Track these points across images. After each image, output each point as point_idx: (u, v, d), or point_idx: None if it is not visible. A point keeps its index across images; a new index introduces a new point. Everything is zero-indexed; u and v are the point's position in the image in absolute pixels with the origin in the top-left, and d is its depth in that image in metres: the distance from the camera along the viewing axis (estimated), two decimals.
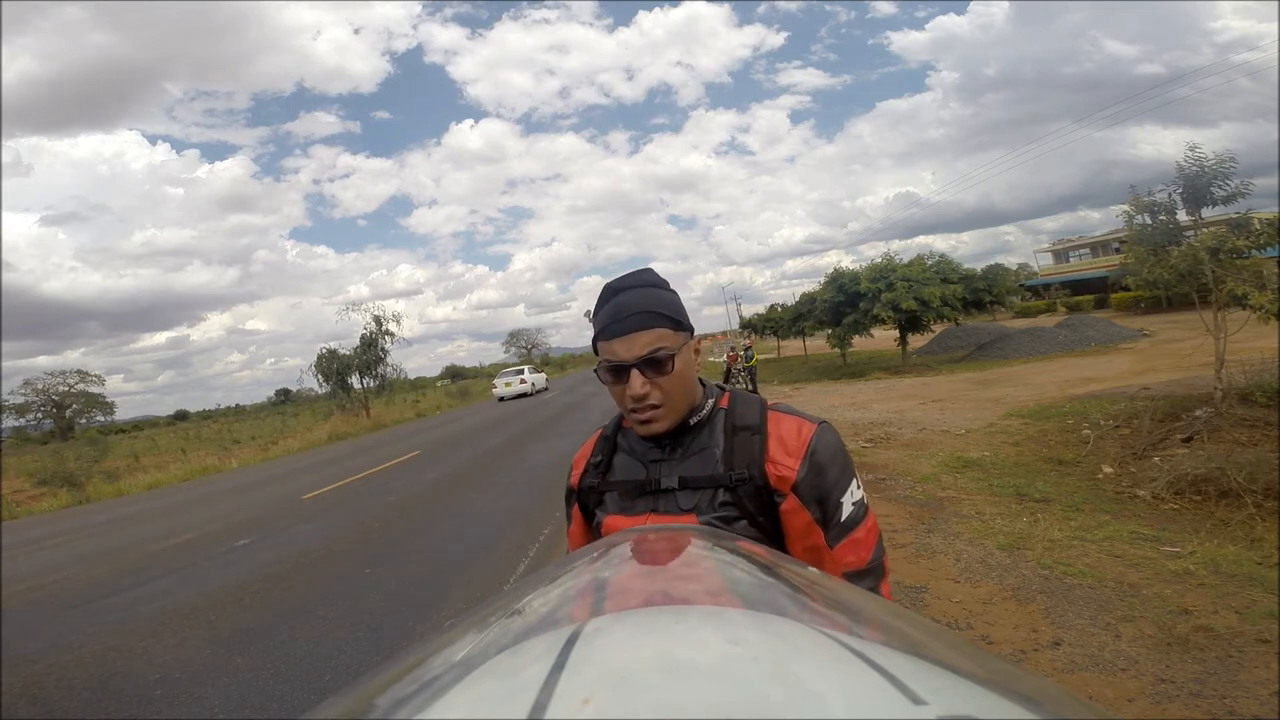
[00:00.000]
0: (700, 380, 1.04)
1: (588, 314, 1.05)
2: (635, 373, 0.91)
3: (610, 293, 0.97)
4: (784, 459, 0.91)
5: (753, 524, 0.91)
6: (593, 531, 1.03)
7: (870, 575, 0.91)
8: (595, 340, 0.96)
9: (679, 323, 0.95)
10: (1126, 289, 23.18)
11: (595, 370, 0.98)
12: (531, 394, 27.30)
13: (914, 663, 0.33)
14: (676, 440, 0.98)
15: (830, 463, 0.92)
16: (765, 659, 0.34)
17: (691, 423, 0.98)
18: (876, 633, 0.39)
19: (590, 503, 1.04)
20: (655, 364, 0.91)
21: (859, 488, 0.94)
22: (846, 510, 0.91)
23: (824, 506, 0.91)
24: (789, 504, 0.91)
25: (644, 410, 0.93)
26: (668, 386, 0.93)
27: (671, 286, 1.02)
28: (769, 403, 1.00)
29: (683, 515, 0.93)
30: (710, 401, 1.01)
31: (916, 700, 0.28)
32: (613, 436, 1.06)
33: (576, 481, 1.08)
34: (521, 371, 28.85)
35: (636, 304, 0.93)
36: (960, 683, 0.32)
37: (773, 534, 0.92)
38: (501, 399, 27.38)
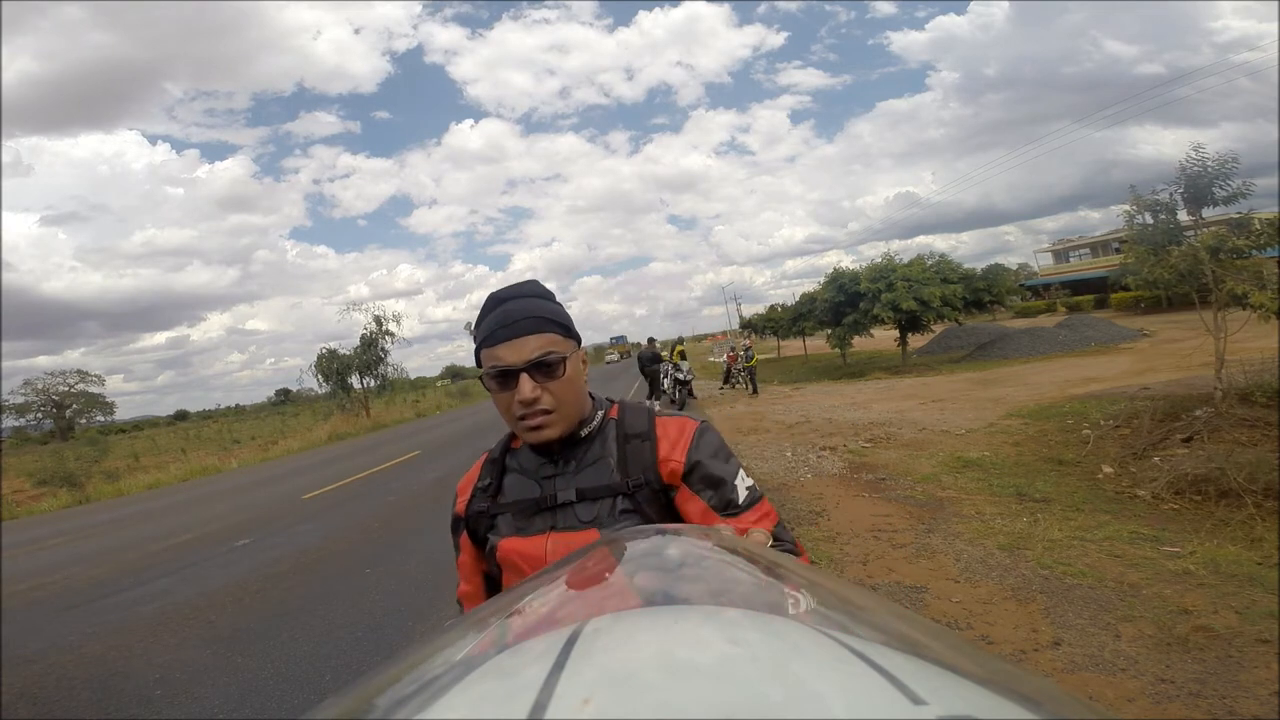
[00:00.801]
0: (590, 394, 1.03)
1: (468, 326, 1.02)
2: (525, 377, 0.89)
3: (495, 301, 0.95)
4: (672, 454, 0.94)
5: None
6: (487, 558, 1.00)
7: (779, 544, 0.90)
8: (479, 350, 0.94)
9: (568, 329, 0.95)
10: (1126, 289, 23.16)
11: (480, 378, 0.96)
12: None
13: (914, 662, 0.33)
14: (569, 453, 0.97)
15: (715, 454, 0.95)
16: (765, 659, 0.34)
17: (583, 434, 0.98)
18: (876, 632, 0.39)
19: (481, 528, 1.01)
20: (546, 368, 0.90)
21: (748, 476, 0.96)
22: (741, 493, 0.93)
23: (718, 493, 0.92)
24: (681, 495, 0.93)
25: (535, 415, 0.91)
26: (559, 391, 0.91)
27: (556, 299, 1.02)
28: (656, 410, 1.02)
29: (584, 529, 0.91)
30: (600, 413, 1.01)
31: (916, 700, 0.27)
32: (500, 459, 1.03)
33: (464, 509, 1.03)
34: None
35: (524, 310, 0.92)
36: (960, 683, 0.32)
37: None
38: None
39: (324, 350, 27.35)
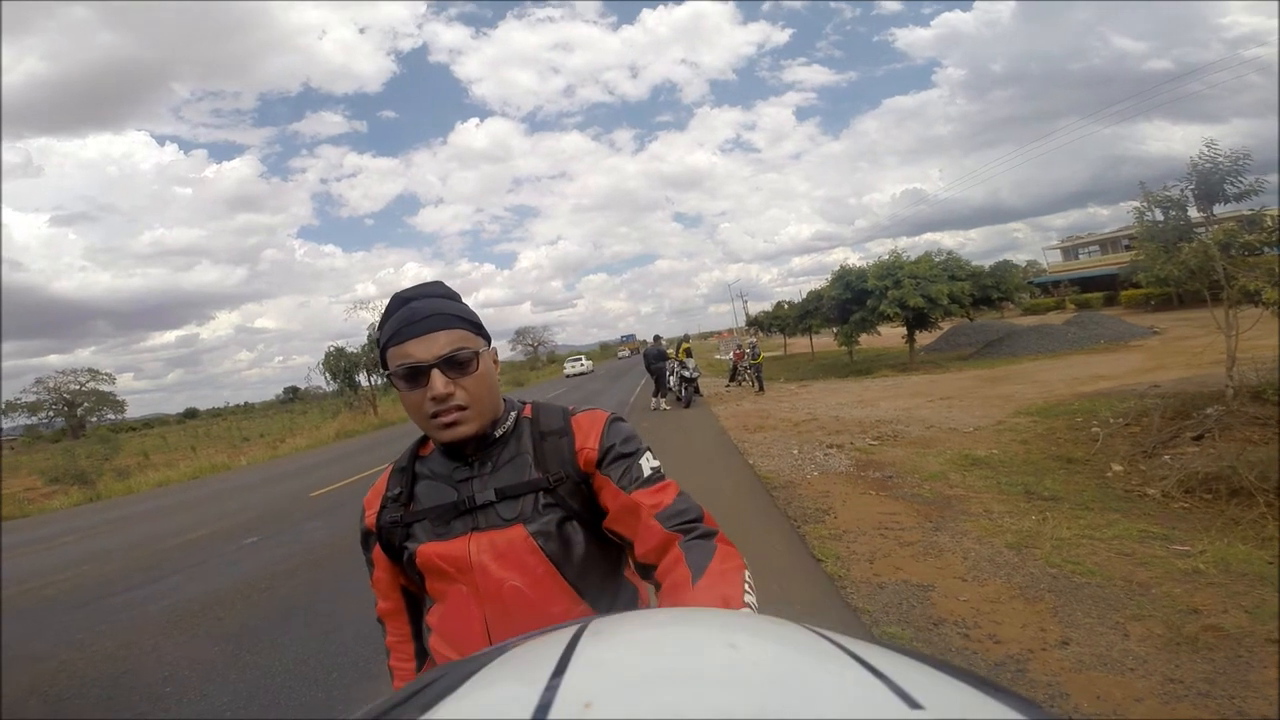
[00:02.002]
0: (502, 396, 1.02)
1: (371, 327, 1.01)
2: (436, 372, 0.87)
3: (400, 301, 0.94)
4: (586, 443, 0.95)
5: (580, 521, 0.93)
6: (406, 566, 0.97)
7: (683, 517, 0.90)
8: (385, 349, 0.92)
9: (478, 327, 0.95)
10: (1136, 286, 23.03)
11: (388, 378, 0.93)
12: (587, 373, 43.65)
13: (910, 665, 0.33)
14: (483, 454, 0.96)
15: (626, 439, 0.96)
16: (764, 661, 0.34)
17: (496, 434, 0.97)
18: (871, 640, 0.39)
19: (395, 539, 0.97)
20: (458, 364, 0.89)
21: (655, 458, 0.97)
22: (646, 471, 0.94)
23: (626, 471, 0.93)
24: (597, 480, 0.94)
25: (449, 412, 0.89)
26: (472, 388, 0.90)
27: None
28: (570, 409, 1.02)
29: (508, 526, 0.91)
30: (514, 414, 1.00)
31: (913, 704, 0.27)
32: (409, 466, 1.01)
33: (374, 521, 1.00)
34: (580, 359, 49.43)
35: (432, 308, 0.91)
36: (956, 686, 0.32)
37: (596, 526, 0.95)
38: (569, 375, 44.13)
39: (332, 348, 27.44)
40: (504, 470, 0.94)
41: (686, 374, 13.90)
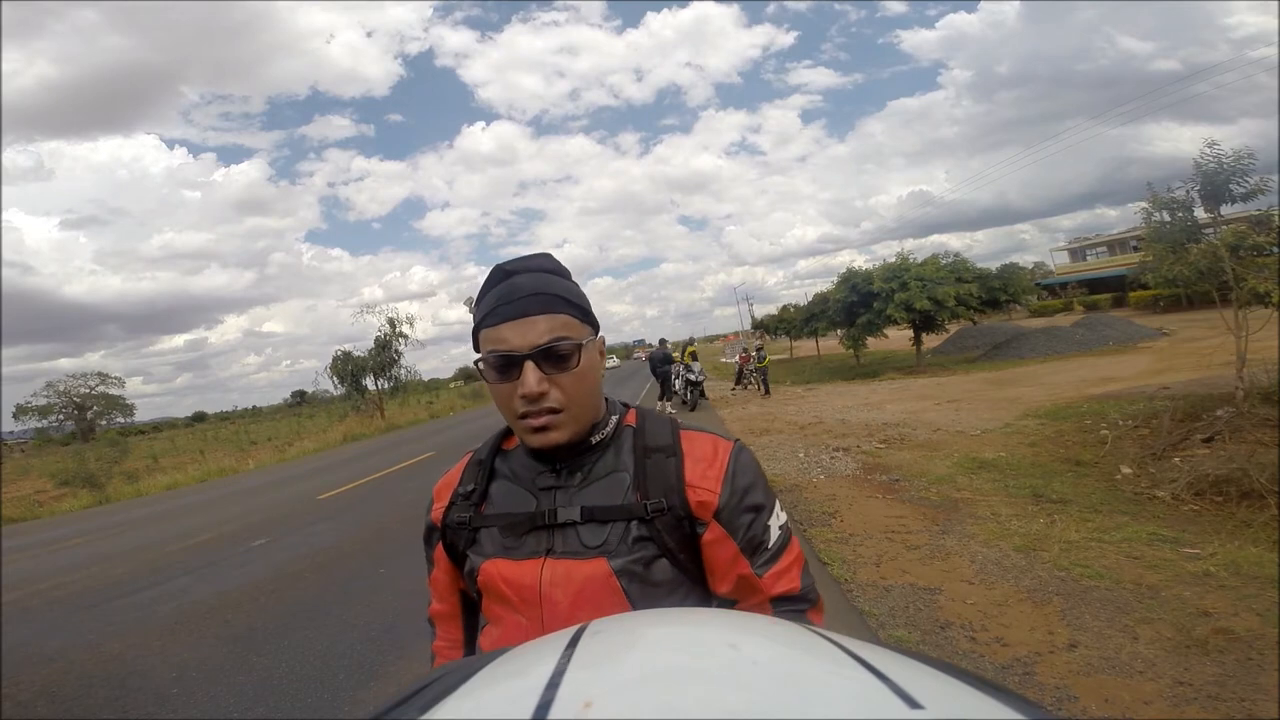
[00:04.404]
0: (604, 396, 0.88)
1: (468, 302, 0.84)
2: (530, 365, 0.74)
3: (502, 274, 0.80)
4: (703, 482, 0.78)
5: (673, 562, 0.78)
6: (465, 578, 0.85)
7: (803, 600, 0.81)
8: (478, 329, 0.79)
9: (586, 313, 0.81)
10: (1145, 287, 22.91)
11: (476, 364, 0.80)
12: (615, 368, 52.02)
13: (910, 666, 0.33)
14: (576, 462, 0.82)
15: (753, 484, 0.80)
16: (765, 661, 0.34)
17: (594, 441, 0.82)
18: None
19: (460, 543, 0.85)
20: (556, 357, 0.75)
21: (781, 509, 0.83)
22: (774, 534, 0.79)
23: (749, 530, 0.78)
24: (712, 533, 0.78)
25: (540, 415, 0.76)
26: (570, 387, 0.76)
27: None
28: (679, 421, 0.87)
29: (590, 556, 0.76)
30: (615, 418, 0.86)
31: (913, 704, 0.27)
32: (489, 460, 0.88)
33: (440, 516, 0.88)
34: (612, 357, 46.12)
35: (536, 286, 0.77)
36: (956, 686, 0.32)
37: (694, 571, 0.80)
38: (608, 368, 46.95)
39: (339, 352, 27.57)
40: (596, 486, 0.80)
41: (692, 377, 13.88)
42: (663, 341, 14.86)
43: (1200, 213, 6.34)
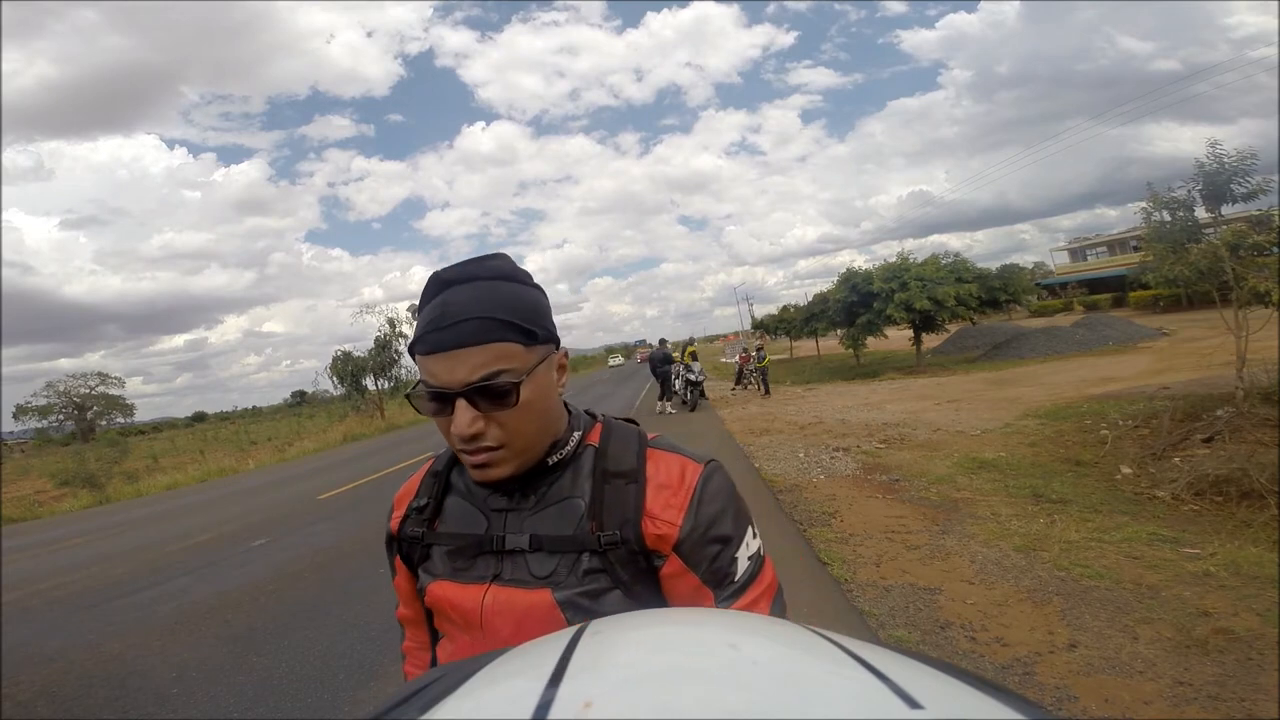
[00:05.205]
0: (566, 405, 0.81)
1: (412, 309, 0.68)
2: (462, 404, 0.67)
3: (438, 286, 0.71)
4: (664, 512, 0.71)
5: (627, 594, 0.71)
6: (418, 596, 0.80)
7: None
8: (412, 350, 0.70)
9: (532, 334, 0.69)
10: (1145, 287, 22.92)
11: (407, 396, 0.73)
12: (621, 365, 58.37)
13: (911, 667, 0.33)
14: (530, 485, 0.75)
15: (721, 513, 0.72)
16: (765, 661, 0.34)
17: (551, 462, 0.75)
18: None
19: (415, 556, 0.81)
20: (491, 394, 0.67)
21: (755, 536, 0.75)
22: (742, 567, 0.72)
23: (714, 564, 0.71)
24: (671, 566, 0.71)
25: (478, 453, 0.69)
26: (511, 423, 0.69)
27: (532, 279, 0.75)
28: (649, 437, 0.79)
29: (535, 587, 0.71)
30: (577, 435, 0.77)
31: (913, 704, 0.27)
32: (444, 473, 0.82)
33: (396, 527, 0.84)
34: (618, 356, 74.90)
35: (470, 305, 0.67)
36: (956, 686, 0.32)
37: (652, 602, 0.73)
38: (612, 366, 57.64)
39: (339, 352, 27.62)
40: (549, 512, 0.74)
41: (692, 377, 13.89)
42: (663, 341, 14.86)
43: (1201, 212, 6.34)
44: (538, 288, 0.75)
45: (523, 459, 0.72)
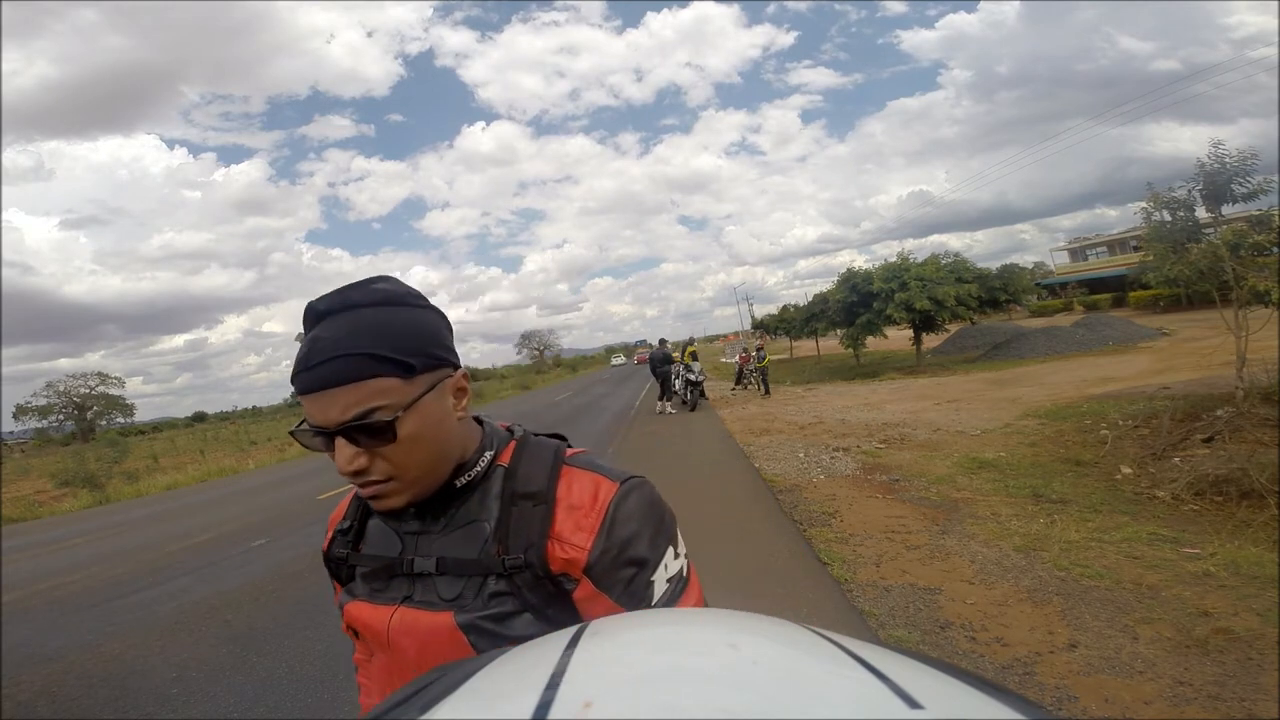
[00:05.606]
0: (479, 421, 0.80)
1: (299, 338, 0.68)
2: (341, 442, 0.65)
3: (312, 317, 0.68)
4: (572, 535, 0.68)
5: (539, 617, 0.69)
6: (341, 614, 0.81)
7: None
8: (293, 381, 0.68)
9: (410, 365, 0.66)
10: (1145, 287, 22.94)
11: (291, 433, 0.72)
12: (624, 365, 62.17)
13: (911, 666, 0.33)
14: (439, 508, 0.74)
15: (636, 535, 0.69)
16: (765, 661, 0.34)
17: (459, 484, 0.73)
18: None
19: (343, 577, 0.80)
20: (368, 432, 0.65)
21: (677, 556, 0.71)
22: (659, 590, 0.68)
23: (630, 588, 0.68)
24: (583, 590, 0.69)
25: (366, 486, 0.68)
26: (396, 457, 0.67)
27: (422, 300, 0.73)
28: (566, 454, 0.76)
29: (440, 609, 0.70)
30: (488, 456, 0.75)
31: (913, 704, 0.27)
32: None
33: (327, 547, 0.83)
34: (619, 355, 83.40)
35: (340, 341, 0.64)
36: (956, 686, 0.32)
37: (568, 623, 0.62)
38: (614, 365, 67.11)
39: None
40: (456, 535, 0.72)
41: (692, 377, 13.89)
42: (663, 341, 14.86)
43: (1201, 212, 6.35)
44: (429, 309, 0.73)
45: (417, 488, 0.70)
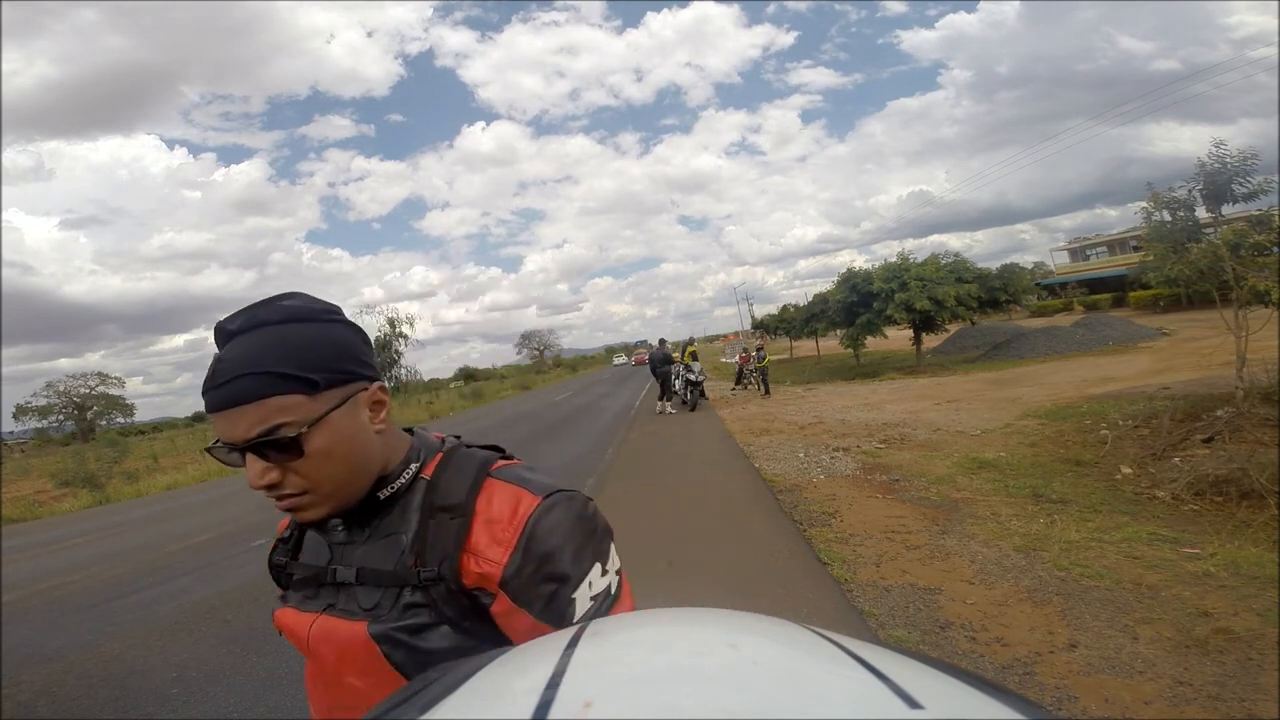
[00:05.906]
0: (411, 431, 0.83)
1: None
2: (250, 457, 0.66)
3: (221, 337, 0.69)
4: (488, 549, 0.68)
5: (456, 629, 0.68)
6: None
7: None
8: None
9: (313, 382, 0.67)
10: (1145, 287, 22.94)
11: (207, 449, 0.73)
12: (626, 364, 61.66)
13: (911, 667, 0.33)
14: (363, 518, 0.75)
15: (557, 550, 0.67)
16: (765, 661, 0.34)
17: (383, 496, 0.74)
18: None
19: (284, 584, 0.84)
20: (275, 447, 0.66)
21: (605, 573, 0.70)
22: (581, 607, 0.67)
23: (550, 605, 0.66)
24: (500, 605, 0.68)
25: (281, 499, 0.69)
26: (307, 472, 0.67)
27: (335, 314, 0.74)
28: (494, 466, 0.76)
29: (356, 619, 0.71)
30: (413, 468, 0.76)
31: (913, 704, 0.27)
32: None
33: (269, 555, 0.88)
34: (622, 355, 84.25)
35: (244, 360, 0.65)
36: (956, 686, 0.32)
37: (489, 636, 0.69)
38: (616, 364, 69.06)
39: None
40: (376, 546, 0.73)
41: (692, 377, 13.89)
42: (663, 341, 14.87)
43: (1201, 212, 6.35)
44: (341, 323, 0.74)
45: (334, 501, 0.71)
